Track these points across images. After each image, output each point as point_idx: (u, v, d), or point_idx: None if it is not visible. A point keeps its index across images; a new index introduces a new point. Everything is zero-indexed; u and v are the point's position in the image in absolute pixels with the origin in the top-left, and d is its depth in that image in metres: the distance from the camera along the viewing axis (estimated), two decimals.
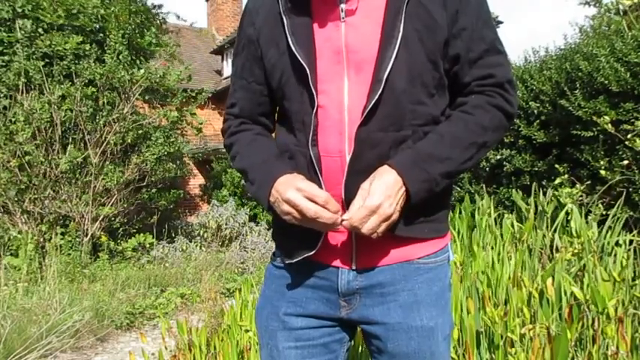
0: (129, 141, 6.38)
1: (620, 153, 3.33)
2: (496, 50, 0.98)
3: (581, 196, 3.24)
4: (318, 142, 0.95)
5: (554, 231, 2.93)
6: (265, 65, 1.03)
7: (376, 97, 0.90)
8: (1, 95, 5.76)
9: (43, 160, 5.68)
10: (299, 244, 0.98)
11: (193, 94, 7.58)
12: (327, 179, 0.95)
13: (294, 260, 0.99)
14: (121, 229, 6.63)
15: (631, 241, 2.75)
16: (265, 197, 0.94)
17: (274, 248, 1.11)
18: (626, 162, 3.27)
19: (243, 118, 1.11)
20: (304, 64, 0.93)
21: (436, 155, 0.91)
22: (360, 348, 1.89)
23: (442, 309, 1.00)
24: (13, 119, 5.62)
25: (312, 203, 0.87)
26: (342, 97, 0.94)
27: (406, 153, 0.92)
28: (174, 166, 7.39)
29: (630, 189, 3.24)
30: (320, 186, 0.93)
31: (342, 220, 0.88)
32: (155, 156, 6.67)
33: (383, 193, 0.86)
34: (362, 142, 0.91)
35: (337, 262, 0.99)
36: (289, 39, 0.95)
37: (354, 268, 0.98)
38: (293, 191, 0.89)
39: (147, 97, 7.03)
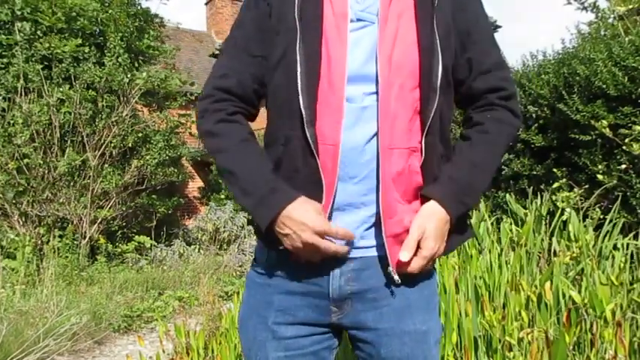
0: (129, 144, 6.38)
1: (618, 157, 3.33)
2: (503, 65, 1.03)
3: (578, 200, 3.24)
4: (316, 125, 0.91)
5: (552, 235, 2.93)
6: (270, 39, 0.98)
7: (435, 105, 0.92)
8: (0, 97, 5.75)
9: (42, 162, 5.67)
10: None
11: (193, 98, 7.59)
12: (323, 164, 0.91)
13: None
14: (119, 232, 6.62)
15: (628, 245, 2.75)
16: (266, 219, 0.90)
17: (254, 254, 1.08)
18: (623, 166, 3.28)
19: (235, 96, 1.00)
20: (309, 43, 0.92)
21: (474, 186, 0.98)
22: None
23: (432, 313, 1.01)
24: (12, 121, 5.61)
25: (329, 242, 0.90)
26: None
27: (448, 186, 0.95)
28: (175, 170, 7.37)
29: (628, 193, 3.24)
30: (317, 171, 0.91)
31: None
32: (156, 160, 6.66)
33: (438, 238, 0.93)
34: (430, 149, 0.94)
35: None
36: (296, 13, 0.94)
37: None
38: (311, 233, 0.88)
39: (147, 101, 7.03)
